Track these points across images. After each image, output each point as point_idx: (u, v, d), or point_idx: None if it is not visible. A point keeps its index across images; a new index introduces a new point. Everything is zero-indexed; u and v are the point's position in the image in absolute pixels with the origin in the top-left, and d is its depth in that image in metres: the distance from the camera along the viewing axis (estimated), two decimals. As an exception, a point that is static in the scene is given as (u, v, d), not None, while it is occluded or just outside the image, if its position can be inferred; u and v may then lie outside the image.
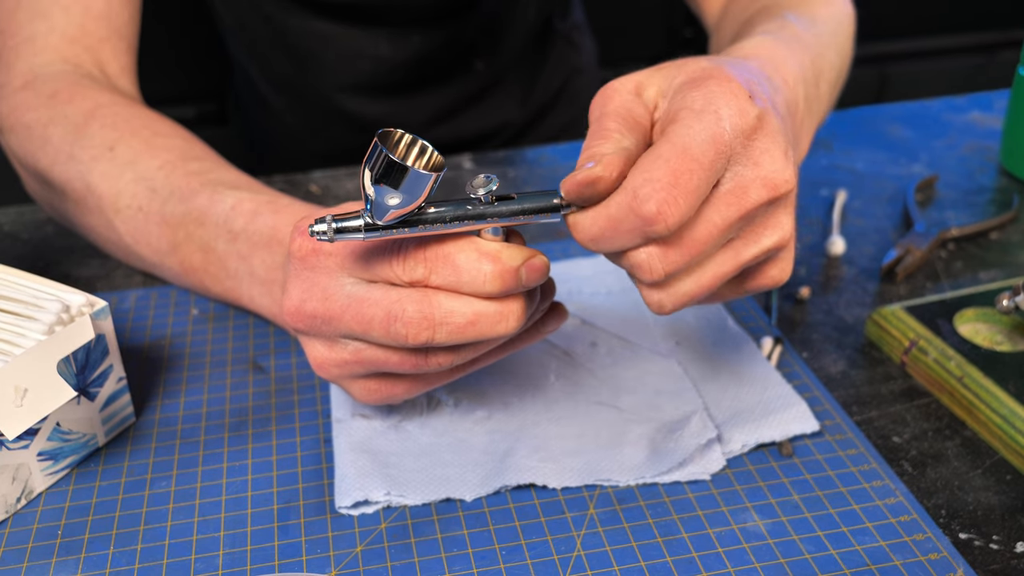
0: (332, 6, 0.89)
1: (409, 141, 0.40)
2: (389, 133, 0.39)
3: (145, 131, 0.63)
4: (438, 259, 0.42)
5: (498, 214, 0.41)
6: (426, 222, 0.41)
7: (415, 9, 0.91)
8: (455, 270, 0.42)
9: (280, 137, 1.03)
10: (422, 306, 0.42)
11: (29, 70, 0.67)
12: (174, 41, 1.47)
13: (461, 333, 0.42)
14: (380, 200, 0.39)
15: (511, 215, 0.42)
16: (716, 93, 0.42)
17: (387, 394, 0.48)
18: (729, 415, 0.53)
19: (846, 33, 0.66)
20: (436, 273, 0.42)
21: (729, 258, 0.44)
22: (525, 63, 1.00)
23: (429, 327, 0.42)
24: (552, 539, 0.46)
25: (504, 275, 0.42)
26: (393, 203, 0.39)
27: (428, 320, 0.42)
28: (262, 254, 0.54)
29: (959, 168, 0.82)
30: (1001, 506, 0.49)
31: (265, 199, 0.57)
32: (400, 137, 0.40)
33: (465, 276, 0.42)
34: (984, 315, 0.60)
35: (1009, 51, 1.97)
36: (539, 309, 0.46)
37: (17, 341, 0.47)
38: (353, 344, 0.45)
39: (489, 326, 0.42)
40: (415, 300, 0.42)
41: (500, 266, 0.41)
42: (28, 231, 0.72)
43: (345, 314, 0.43)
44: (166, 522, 0.47)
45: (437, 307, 0.42)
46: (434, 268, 0.42)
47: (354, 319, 0.43)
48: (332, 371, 0.47)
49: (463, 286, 0.42)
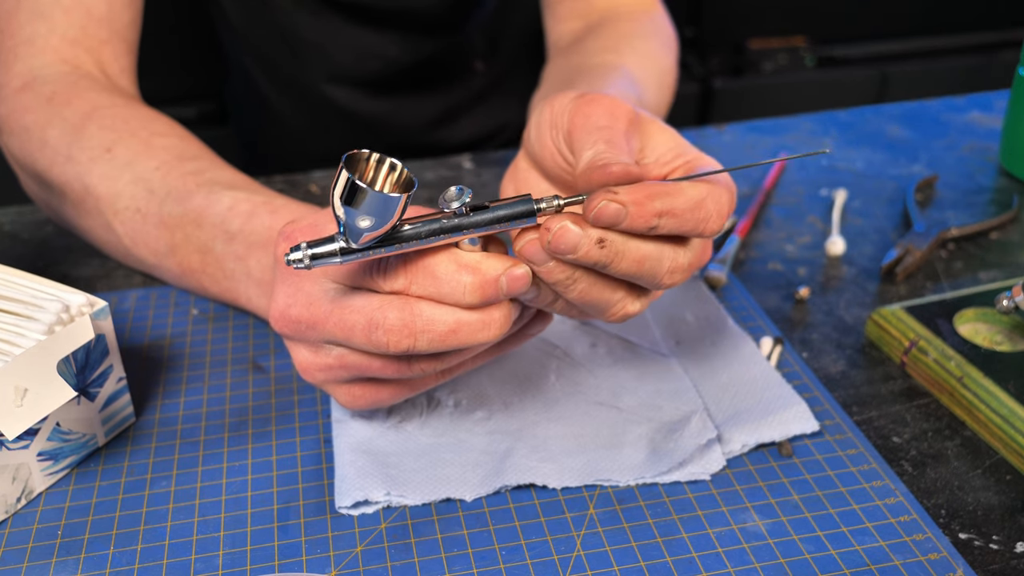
0: (344, 5, 0.90)
1: (377, 160, 0.40)
2: (356, 155, 0.39)
3: (143, 132, 0.63)
4: (418, 271, 0.42)
5: (473, 224, 0.41)
6: (402, 240, 0.41)
7: (423, 13, 0.91)
8: (435, 281, 0.42)
9: (280, 139, 1.03)
10: (403, 314, 0.42)
11: (28, 71, 0.67)
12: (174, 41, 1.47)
13: (442, 341, 0.42)
14: (352, 223, 0.39)
15: (486, 224, 0.41)
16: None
17: (372, 399, 0.48)
18: (729, 415, 0.53)
19: (669, 80, 0.76)
20: (416, 284, 0.42)
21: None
22: (525, 65, 1.00)
23: (410, 335, 0.42)
24: (552, 539, 0.46)
25: (484, 286, 0.42)
26: (365, 226, 0.39)
27: (409, 328, 0.42)
28: (258, 255, 0.54)
29: (959, 168, 0.82)
30: (1001, 506, 0.49)
31: (261, 200, 0.57)
32: (368, 156, 0.40)
33: (445, 288, 0.42)
34: (984, 315, 0.60)
35: (1009, 51, 1.97)
36: (525, 314, 0.46)
37: (17, 341, 0.47)
38: (337, 350, 0.45)
39: (470, 334, 0.42)
40: (396, 308, 0.42)
41: (480, 277, 0.41)
42: (28, 231, 0.72)
43: (328, 320, 0.43)
44: (166, 522, 0.47)
45: (418, 315, 0.42)
46: (414, 280, 0.42)
47: (336, 325, 0.43)
48: (317, 375, 0.47)
49: (444, 297, 0.42)
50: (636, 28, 0.76)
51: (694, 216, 0.42)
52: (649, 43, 0.74)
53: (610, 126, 0.46)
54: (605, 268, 0.42)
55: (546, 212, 0.42)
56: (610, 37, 0.74)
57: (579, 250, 0.41)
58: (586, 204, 0.42)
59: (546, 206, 0.42)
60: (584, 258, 0.41)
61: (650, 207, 0.41)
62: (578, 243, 0.41)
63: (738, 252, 0.70)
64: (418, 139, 0.99)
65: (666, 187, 0.42)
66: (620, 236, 0.42)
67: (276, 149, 1.05)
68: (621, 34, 0.75)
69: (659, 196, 0.42)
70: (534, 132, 0.51)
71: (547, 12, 0.85)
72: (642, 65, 0.69)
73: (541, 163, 0.51)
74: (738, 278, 0.67)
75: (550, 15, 0.85)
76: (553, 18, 0.84)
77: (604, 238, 0.41)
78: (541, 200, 0.42)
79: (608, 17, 0.79)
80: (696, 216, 0.42)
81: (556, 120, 0.49)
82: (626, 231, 0.42)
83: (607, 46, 0.73)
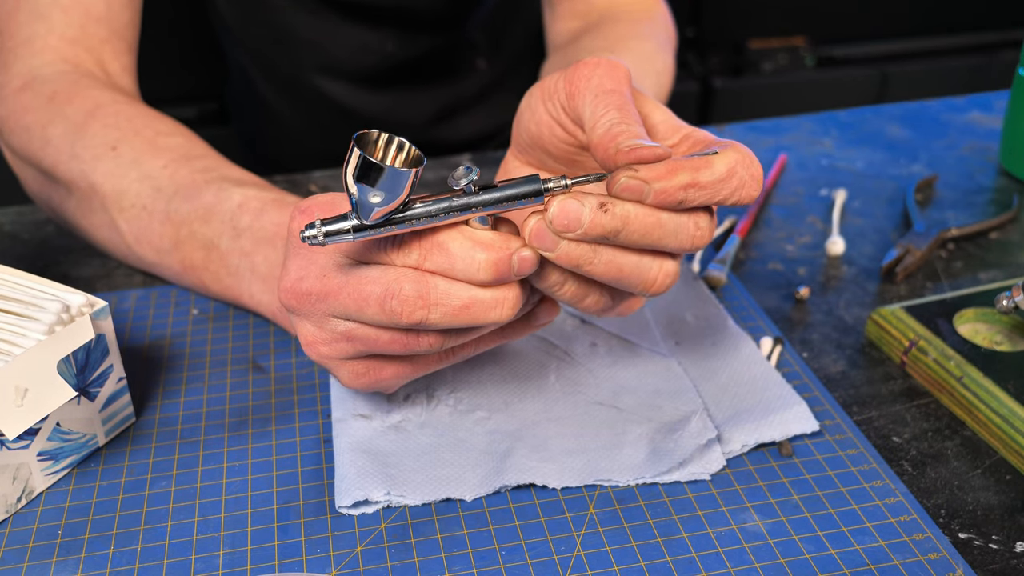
0: (342, 3, 0.90)
1: (387, 140, 0.41)
2: (366, 134, 0.40)
3: (147, 130, 0.63)
4: (432, 247, 0.42)
5: (483, 203, 0.42)
6: (413, 218, 0.41)
7: (421, 10, 0.91)
8: (449, 257, 0.42)
9: (279, 139, 1.03)
10: (419, 286, 0.42)
11: (27, 71, 0.67)
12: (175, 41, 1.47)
13: (455, 316, 0.42)
14: (364, 200, 0.40)
15: (495, 203, 0.42)
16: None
17: (375, 378, 0.48)
18: (729, 415, 0.53)
19: (665, 80, 0.76)
20: (430, 260, 0.42)
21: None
22: (528, 64, 1.00)
23: (424, 306, 0.42)
24: (552, 539, 0.46)
25: (498, 263, 0.42)
26: (376, 201, 0.40)
27: (424, 300, 0.42)
28: (266, 250, 0.54)
29: (959, 168, 0.82)
30: (1000, 506, 0.49)
31: (272, 197, 0.57)
32: (378, 137, 0.41)
33: (459, 264, 0.42)
34: (984, 315, 0.60)
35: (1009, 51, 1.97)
36: (531, 299, 0.46)
37: (17, 341, 0.47)
38: (344, 324, 0.45)
39: (483, 312, 0.43)
40: (412, 280, 0.42)
41: (494, 254, 0.42)
42: (28, 231, 0.72)
43: (342, 291, 0.43)
44: (166, 522, 0.48)
45: (433, 288, 0.42)
46: (428, 255, 0.42)
47: (350, 296, 0.43)
48: (321, 349, 0.46)
49: (457, 273, 0.42)
50: (634, 29, 0.76)
51: (726, 185, 0.42)
52: (646, 44, 0.74)
53: (616, 90, 0.46)
54: (619, 236, 0.42)
55: (554, 192, 0.42)
56: (607, 37, 0.75)
57: (583, 221, 0.41)
58: (607, 183, 0.42)
59: (553, 186, 0.42)
60: (592, 229, 0.41)
61: (674, 182, 0.41)
62: (580, 214, 0.41)
63: (738, 252, 0.70)
64: (418, 137, 0.98)
65: (692, 161, 0.42)
66: (622, 201, 0.42)
67: (275, 149, 1.05)
68: (618, 35, 0.75)
69: (683, 170, 0.42)
70: (526, 114, 0.50)
71: (547, 11, 0.86)
72: (638, 66, 0.69)
73: (539, 141, 0.50)
74: (738, 278, 0.67)
75: (550, 14, 0.85)
76: (553, 17, 0.84)
77: (605, 202, 0.41)
78: (548, 180, 0.42)
79: (607, 17, 0.79)
80: (729, 185, 0.43)
81: (549, 92, 0.48)
82: (654, 206, 0.42)
83: (603, 46, 0.73)
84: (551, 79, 0.49)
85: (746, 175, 0.43)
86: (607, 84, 0.46)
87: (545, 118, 0.49)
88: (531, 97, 0.50)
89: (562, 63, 0.71)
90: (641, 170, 0.42)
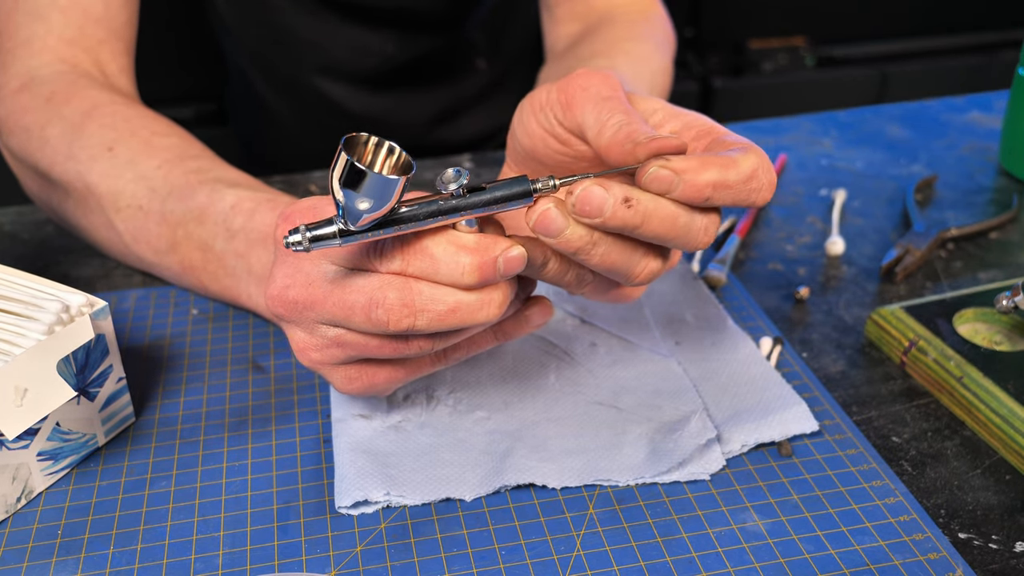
0: (341, 4, 0.90)
1: (376, 143, 0.40)
2: (355, 137, 0.39)
3: (144, 131, 0.63)
4: (415, 252, 0.42)
5: (471, 206, 0.41)
6: (400, 222, 0.41)
7: (421, 11, 0.91)
8: (433, 262, 0.42)
9: (278, 140, 1.03)
10: (403, 293, 0.42)
11: (26, 72, 0.67)
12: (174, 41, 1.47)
13: (442, 320, 0.42)
14: (351, 205, 0.39)
15: (484, 205, 0.42)
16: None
17: (368, 382, 0.48)
18: (729, 415, 0.53)
19: (661, 80, 0.75)
20: (413, 265, 0.42)
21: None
22: (528, 64, 1.00)
23: (410, 314, 0.42)
24: (552, 539, 0.46)
25: (483, 267, 0.42)
26: (364, 207, 0.39)
27: (409, 307, 0.42)
28: (259, 251, 0.54)
29: (958, 168, 0.82)
30: (1000, 506, 0.49)
31: (265, 197, 0.57)
32: (367, 140, 0.40)
33: (443, 268, 0.42)
34: (983, 315, 0.60)
35: (1009, 51, 1.97)
36: (520, 296, 0.46)
37: (17, 341, 0.47)
38: (334, 330, 0.45)
39: (469, 314, 0.43)
40: (396, 287, 0.42)
41: (478, 257, 0.42)
42: (28, 231, 0.72)
43: (327, 300, 0.43)
44: (166, 522, 0.48)
45: (418, 294, 0.42)
46: (411, 261, 0.42)
47: (336, 305, 0.43)
48: (313, 355, 0.47)
49: (442, 278, 0.42)
50: (630, 31, 0.76)
51: (747, 187, 0.42)
52: (642, 46, 0.74)
53: (614, 96, 0.46)
54: (635, 231, 0.42)
55: (543, 192, 0.42)
56: (604, 41, 0.75)
57: (605, 211, 0.41)
58: (636, 174, 0.42)
59: (542, 186, 0.42)
60: (612, 220, 0.41)
61: (704, 177, 0.41)
62: (604, 204, 0.41)
63: (738, 252, 0.70)
64: (418, 138, 0.99)
65: (721, 159, 0.42)
66: (649, 195, 0.41)
67: (274, 150, 1.05)
68: (614, 38, 0.75)
69: (713, 166, 0.42)
70: (519, 127, 0.50)
71: (545, 14, 0.85)
72: (634, 68, 0.69)
73: (532, 153, 0.50)
74: (738, 278, 0.67)
75: (548, 17, 0.85)
76: (551, 20, 0.84)
77: (630, 197, 0.41)
78: (537, 180, 0.42)
79: (604, 19, 0.79)
80: (749, 187, 0.42)
81: (540, 104, 0.48)
82: (679, 200, 0.42)
83: (599, 50, 0.73)
84: (541, 92, 0.49)
85: (764, 179, 0.43)
86: (604, 92, 0.46)
87: (538, 131, 0.49)
88: (522, 112, 0.50)
89: (558, 73, 0.71)
90: (672, 160, 0.41)
